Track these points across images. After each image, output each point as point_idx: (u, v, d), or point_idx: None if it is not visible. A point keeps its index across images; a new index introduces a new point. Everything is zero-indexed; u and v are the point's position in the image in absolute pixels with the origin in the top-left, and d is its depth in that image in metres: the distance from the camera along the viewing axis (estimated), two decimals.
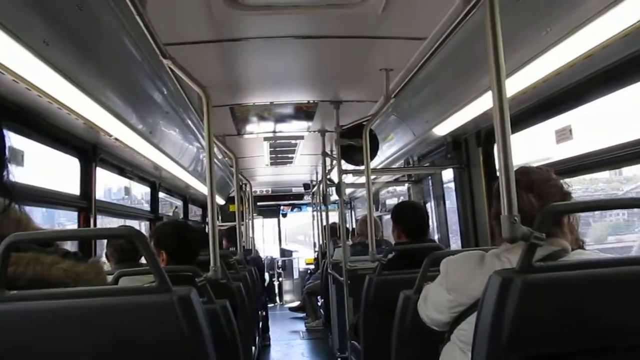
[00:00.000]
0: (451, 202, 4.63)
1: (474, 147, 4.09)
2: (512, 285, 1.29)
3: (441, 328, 1.74)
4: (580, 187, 3.35)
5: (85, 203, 3.41)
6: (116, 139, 3.19)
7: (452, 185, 4.48)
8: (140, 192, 5.35)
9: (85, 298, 1.27)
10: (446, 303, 1.63)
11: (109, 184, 4.28)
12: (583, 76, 2.54)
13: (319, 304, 7.77)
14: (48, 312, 1.25)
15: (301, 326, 8.31)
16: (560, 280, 1.34)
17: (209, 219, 2.46)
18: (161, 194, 5.60)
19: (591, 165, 2.81)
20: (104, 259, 3.17)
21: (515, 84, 2.51)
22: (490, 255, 1.59)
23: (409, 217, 3.29)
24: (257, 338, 4.76)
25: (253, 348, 4.18)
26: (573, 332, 1.34)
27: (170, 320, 1.27)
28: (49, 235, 1.36)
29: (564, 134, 2.95)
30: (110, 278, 2.19)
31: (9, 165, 0.65)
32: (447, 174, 4.61)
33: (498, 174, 1.44)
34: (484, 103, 2.97)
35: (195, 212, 7.97)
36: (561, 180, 1.63)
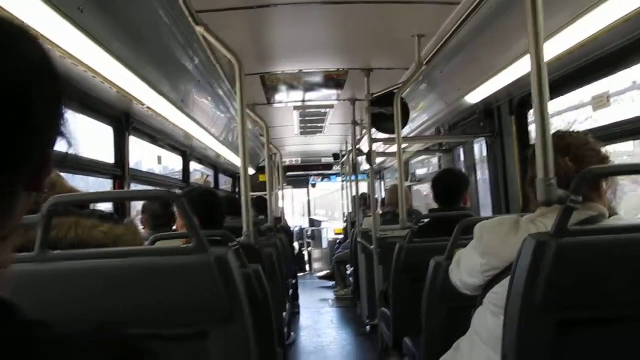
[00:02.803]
0: (482, 172, 4.58)
1: (506, 116, 4.03)
2: (546, 248, 1.28)
3: (473, 292, 1.74)
4: None
5: (119, 171, 3.48)
6: (149, 107, 3.22)
7: (483, 154, 4.43)
8: (172, 162, 5.41)
9: (124, 258, 1.31)
10: (479, 267, 1.63)
11: (141, 153, 4.35)
12: (621, 42, 2.47)
13: (348, 272, 7.82)
14: (89, 272, 1.30)
15: (330, 295, 8.39)
16: (596, 245, 1.32)
17: (241, 188, 2.47)
18: (193, 165, 5.66)
19: (628, 133, 2.75)
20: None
21: (552, 49, 2.44)
22: (525, 220, 1.57)
23: (440, 183, 3.24)
24: (287, 305, 4.83)
25: (284, 313, 4.25)
26: (608, 298, 1.32)
27: (207, 280, 1.30)
28: (88, 197, 1.41)
29: (601, 101, 2.88)
30: (146, 244, 2.24)
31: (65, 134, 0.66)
32: (478, 143, 4.55)
33: (533, 140, 1.41)
34: (518, 70, 2.91)
35: (225, 182, 8.05)
36: (599, 146, 1.60)
